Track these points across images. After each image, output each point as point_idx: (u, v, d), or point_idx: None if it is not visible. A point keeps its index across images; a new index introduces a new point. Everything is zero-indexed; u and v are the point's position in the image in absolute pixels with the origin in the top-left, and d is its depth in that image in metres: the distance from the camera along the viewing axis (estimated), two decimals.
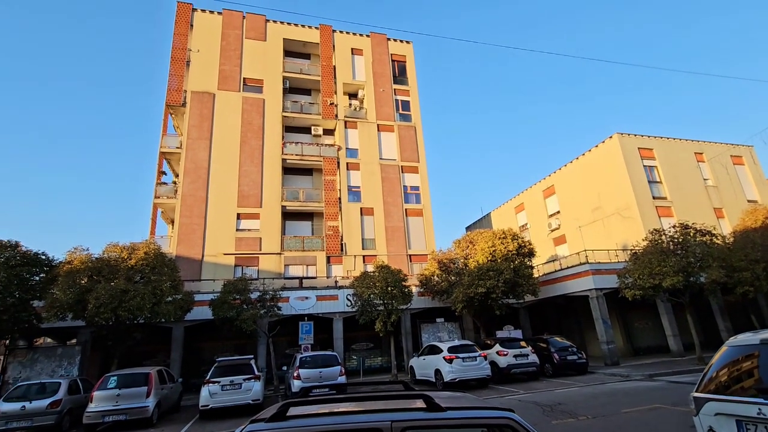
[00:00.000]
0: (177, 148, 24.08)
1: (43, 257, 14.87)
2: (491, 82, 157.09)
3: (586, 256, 19.81)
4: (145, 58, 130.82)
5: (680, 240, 16.70)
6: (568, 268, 20.69)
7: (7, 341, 15.92)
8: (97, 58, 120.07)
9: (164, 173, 25.05)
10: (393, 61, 29.92)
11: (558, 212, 28.35)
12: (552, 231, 28.54)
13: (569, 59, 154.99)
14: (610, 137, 24.55)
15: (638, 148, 24.40)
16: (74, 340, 17.52)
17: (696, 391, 4.09)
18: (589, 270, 19.06)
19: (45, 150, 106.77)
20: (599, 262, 19.68)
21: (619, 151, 23.81)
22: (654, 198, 23.49)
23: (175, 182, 24.68)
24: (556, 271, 21.69)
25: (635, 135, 24.72)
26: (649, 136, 25.13)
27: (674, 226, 17.44)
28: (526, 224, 31.56)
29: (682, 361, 17.22)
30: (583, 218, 25.92)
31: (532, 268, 19.74)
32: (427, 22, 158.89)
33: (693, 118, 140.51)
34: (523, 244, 19.41)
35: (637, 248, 18.01)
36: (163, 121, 24.96)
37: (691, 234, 16.74)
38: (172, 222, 24.35)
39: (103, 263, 14.66)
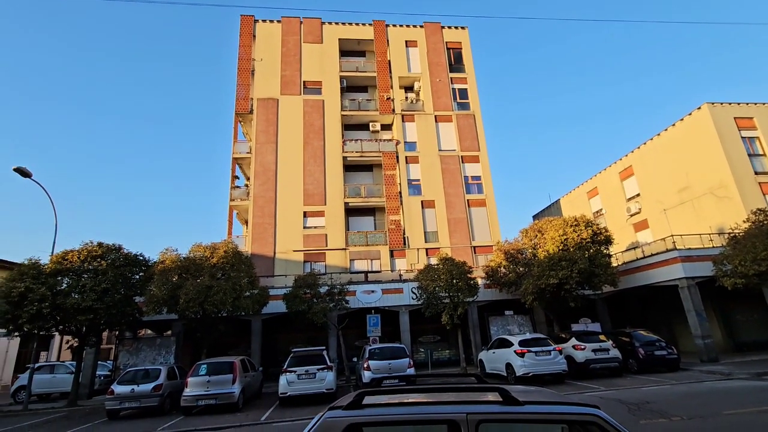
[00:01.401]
0: (247, 153, 25.78)
1: (141, 258, 16.71)
2: (557, 60, 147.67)
3: (674, 242, 17.96)
4: (214, 73, 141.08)
5: None
6: (651, 255, 18.91)
7: (117, 332, 18.22)
8: (172, 87, 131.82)
9: (237, 177, 26.96)
10: (448, 49, 29.26)
11: (638, 195, 25.96)
12: (631, 216, 26.24)
13: (640, 25, 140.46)
14: (698, 108, 21.87)
15: (734, 118, 21.46)
16: (169, 332, 19.53)
17: None
18: (678, 257, 17.27)
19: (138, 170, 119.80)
20: (689, 248, 17.74)
21: (711, 123, 21.14)
22: (756, 173, 20.56)
23: (247, 185, 26.43)
24: (638, 259, 19.92)
25: (729, 104, 21.79)
26: (747, 104, 22.02)
27: None
28: (601, 210, 29.35)
29: None
30: (668, 200, 23.48)
31: (609, 256, 18.35)
32: (485, 2, 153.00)
33: None
34: (598, 231, 18.08)
35: (736, 231, 16.02)
36: (233, 128, 26.82)
37: None
38: (246, 222, 26.11)
39: (189, 262, 16.16)
